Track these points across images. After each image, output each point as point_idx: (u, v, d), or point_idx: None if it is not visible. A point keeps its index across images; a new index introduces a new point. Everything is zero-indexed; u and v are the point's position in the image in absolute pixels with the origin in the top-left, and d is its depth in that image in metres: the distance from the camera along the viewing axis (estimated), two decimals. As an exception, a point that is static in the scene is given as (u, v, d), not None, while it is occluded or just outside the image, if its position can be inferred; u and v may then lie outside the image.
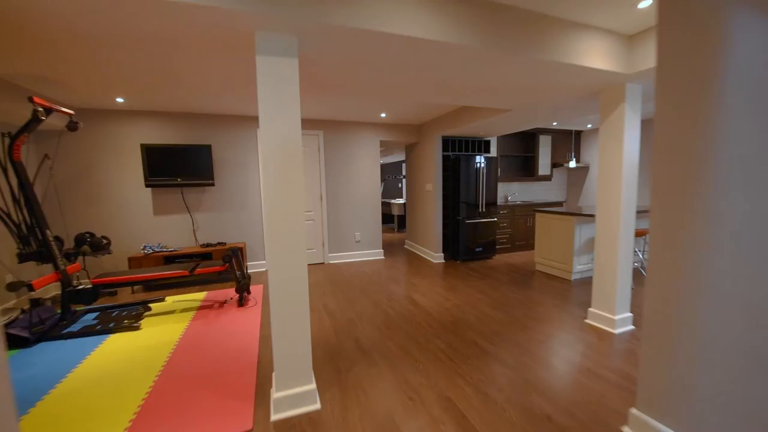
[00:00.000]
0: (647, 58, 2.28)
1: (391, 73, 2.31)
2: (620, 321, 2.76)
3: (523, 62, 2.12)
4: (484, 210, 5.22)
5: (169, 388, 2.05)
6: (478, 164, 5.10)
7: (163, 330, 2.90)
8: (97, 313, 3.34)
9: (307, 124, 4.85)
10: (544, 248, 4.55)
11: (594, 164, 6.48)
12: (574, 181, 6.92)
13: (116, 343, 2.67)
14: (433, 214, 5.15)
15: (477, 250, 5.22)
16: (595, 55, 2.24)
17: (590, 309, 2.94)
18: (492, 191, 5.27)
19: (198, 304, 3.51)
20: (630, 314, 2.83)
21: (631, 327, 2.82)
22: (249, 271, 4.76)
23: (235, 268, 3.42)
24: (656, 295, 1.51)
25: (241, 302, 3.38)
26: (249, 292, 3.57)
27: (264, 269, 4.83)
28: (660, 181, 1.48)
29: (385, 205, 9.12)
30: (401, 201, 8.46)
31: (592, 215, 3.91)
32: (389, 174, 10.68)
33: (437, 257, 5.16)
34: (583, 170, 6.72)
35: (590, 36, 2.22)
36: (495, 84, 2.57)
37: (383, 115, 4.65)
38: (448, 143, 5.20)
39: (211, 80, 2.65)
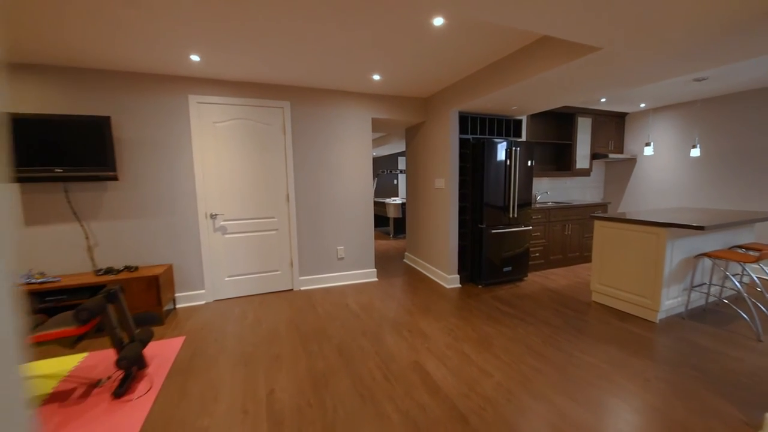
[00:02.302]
0: None
1: None
2: None
3: None
4: (515, 216, 3.80)
5: None
6: (509, 152, 3.68)
7: None
8: None
9: (264, 90, 3.35)
10: (609, 272, 3.15)
11: (646, 155, 5.10)
12: (615, 177, 5.56)
13: None
14: (445, 220, 3.71)
15: (505, 270, 3.80)
16: None
17: (775, 418, 1.53)
18: (526, 190, 3.85)
19: (54, 384, 2.01)
20: None
21: None
22: (180, 305, 3.26)
23: (112, 325, 1.91)
24: None
25: (122, 389, 1.88)
26: (144, 366, 2.08)
27: (202, 301, 3.33)
28: None
29: (378, 205, 7.65)
30: (398, 201, 7.01)
31: (698, 227, 2.51)
32: (383, 168, 9.22)
33: (451, 280, 3.73)
34: (627, 163, 5.35)
35: None
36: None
37: (376, 77, 3.18)
38: (465, 123, 3.76)
39: None
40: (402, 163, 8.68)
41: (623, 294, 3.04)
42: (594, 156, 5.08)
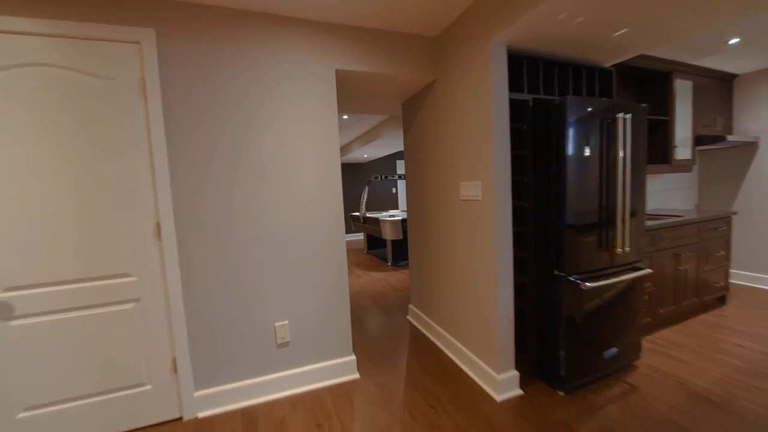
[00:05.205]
0: None
1: None
2: None
3: None
4: (626, 248, 1.96)
5: None
6: (614, 125, 1.87)
7: None
8: None
9: (93, 2, 1.57)
10: None
11: (777, 136, 3.29)
12: (716, 172, 3.73)
13: None
14: (489, 262, 1.88)
15: (607, 354, 1.96)
16: None
17: None
18: (639, 199, 2.04)
19: None
20: None
21: None
22: None
23: None
24: None
25: None
26: None
27: (-45, 478, 1.50)
28: None
29: (371, 222, 5.83)
30: (398, 216, 5.20)
31: None
32: (377, 174, 7.44)
33: (504, 383, 1.87)
34: (740, 151, 3.53)
35: None
36: None
37: (331, -43, 1.41)
38: (516, 72, 1.97)
39: None
40: (402, 167, 6.91)
41: None
42: (697, 140, 3.27)
